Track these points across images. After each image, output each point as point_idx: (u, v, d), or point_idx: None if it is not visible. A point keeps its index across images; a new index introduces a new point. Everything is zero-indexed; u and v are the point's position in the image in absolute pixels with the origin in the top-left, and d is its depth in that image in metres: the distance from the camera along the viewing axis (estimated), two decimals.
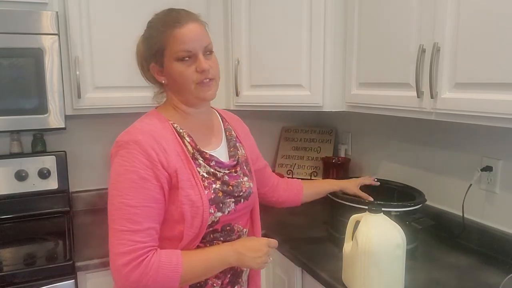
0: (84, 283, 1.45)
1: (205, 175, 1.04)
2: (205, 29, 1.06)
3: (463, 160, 1.55)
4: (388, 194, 1.58)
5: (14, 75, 1.50)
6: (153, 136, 0.99)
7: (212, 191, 1.03)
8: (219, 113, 1.23)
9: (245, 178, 1.14)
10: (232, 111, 1.37)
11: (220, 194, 1.05)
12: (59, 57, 1.55)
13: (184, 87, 1.04)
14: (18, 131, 1.77)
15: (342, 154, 2.20)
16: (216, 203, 1.03)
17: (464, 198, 1.49)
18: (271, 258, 1.10)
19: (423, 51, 1.26)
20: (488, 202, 1.46)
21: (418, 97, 1.29)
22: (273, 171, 1.62)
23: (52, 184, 1.85)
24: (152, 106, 1.15)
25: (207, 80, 1.04)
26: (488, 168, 1.44)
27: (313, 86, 1.71)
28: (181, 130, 1.06)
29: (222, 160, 1.10)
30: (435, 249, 1.47)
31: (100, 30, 1.66)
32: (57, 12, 1.54)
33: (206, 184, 1.03)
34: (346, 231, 1.21)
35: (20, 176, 1.79)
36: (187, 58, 1.01)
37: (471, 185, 1.47)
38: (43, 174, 1.82)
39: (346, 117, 2.17)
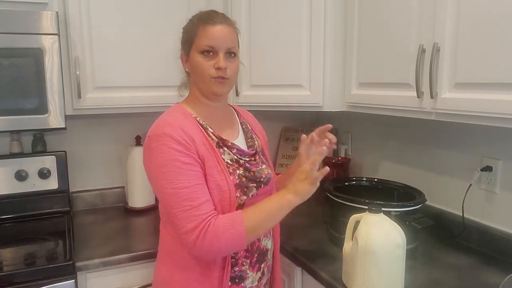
0: (84, 283, 1.45)
1: (229, 162, 1.13)
2: (235, 34, 1.16)
3: (463, 160, 1.55)
4: (388, 194, 1.58)
5: (14, 75, 1.49)
6: (181, 127, 1.07)
7: (237, 177, 1.12)
8: (234, 109, 1.33)
9: (264, 166, 1.23)
10: None
11: (244, 179, 1.14)
12: (59, 57, 1.55)
13: (201, 78, 1.13)
14: (18, 131, 1.76)
15: (342, 154, 2.20)
16: (241, 187, 1.12)
17: (464, 198, 1.49)
18: (314, 168, 1.06)
19: (423, 51, 1.26)
20: (488, 202, 1.46)
21: (418, 97, 1.29)
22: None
23: (52, 184, 1.86)
24: (152, 106, 1.16)
25: (221, 78, 1.12)
26: (488, 168, 1.44)
27: (313, 86, 1.70)
28: (203, 123, 1.14)
29: (243, 149, 1.18)
30: (435, 249, 1.47)
31: (100, 30, 1.66)
32: (57, 12, 1.54)
33: (231, 170, 1.11)
34: (346, 231, 1.21)
35: (20, 176, 1.79)
36: (210, 53, 1.11)
37: (471, 185, 1.47)
38: (43, 174, 1.82)
39: (346, 117, 2.17)
